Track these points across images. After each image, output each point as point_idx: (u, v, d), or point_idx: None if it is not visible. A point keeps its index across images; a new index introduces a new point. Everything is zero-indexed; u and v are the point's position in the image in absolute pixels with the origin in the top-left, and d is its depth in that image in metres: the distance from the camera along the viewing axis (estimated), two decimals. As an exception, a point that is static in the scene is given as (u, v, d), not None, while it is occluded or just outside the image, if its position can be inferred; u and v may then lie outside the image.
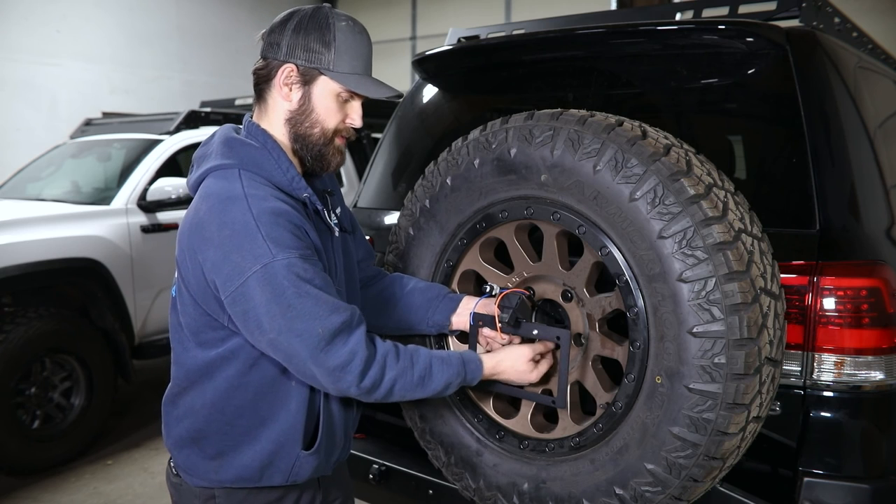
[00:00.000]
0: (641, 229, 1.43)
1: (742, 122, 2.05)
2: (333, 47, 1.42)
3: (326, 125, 1.47)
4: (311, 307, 1.32)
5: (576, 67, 2.18)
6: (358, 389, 1.36)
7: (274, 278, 1.30)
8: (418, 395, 1.45)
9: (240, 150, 1.43)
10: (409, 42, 12.03)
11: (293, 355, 1.34)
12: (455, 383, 1.49)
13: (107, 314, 4.18)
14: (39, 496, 3.65)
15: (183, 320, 1.47)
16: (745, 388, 1.38)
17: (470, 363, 1.52)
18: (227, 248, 1.32)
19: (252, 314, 1.32)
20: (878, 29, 4.72)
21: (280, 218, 1.34)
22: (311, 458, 1.47)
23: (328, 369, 1.33)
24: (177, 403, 1.51)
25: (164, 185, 4.48)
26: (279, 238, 1.32)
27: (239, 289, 1.31)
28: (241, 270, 1.31)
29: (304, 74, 1.44)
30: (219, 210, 1.35)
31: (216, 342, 1.44)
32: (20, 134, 8.45)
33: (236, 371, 1.44)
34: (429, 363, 1.45)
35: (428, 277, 1.80)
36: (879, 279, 1.61)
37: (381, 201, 2.48)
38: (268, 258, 1.30)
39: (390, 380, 1.39)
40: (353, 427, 1.62)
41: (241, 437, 1.46)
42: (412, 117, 2.55)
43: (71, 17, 9.10)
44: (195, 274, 1.38)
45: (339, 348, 1.34)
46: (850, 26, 2.49)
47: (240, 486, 1.47)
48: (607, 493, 1.52)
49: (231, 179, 1.39)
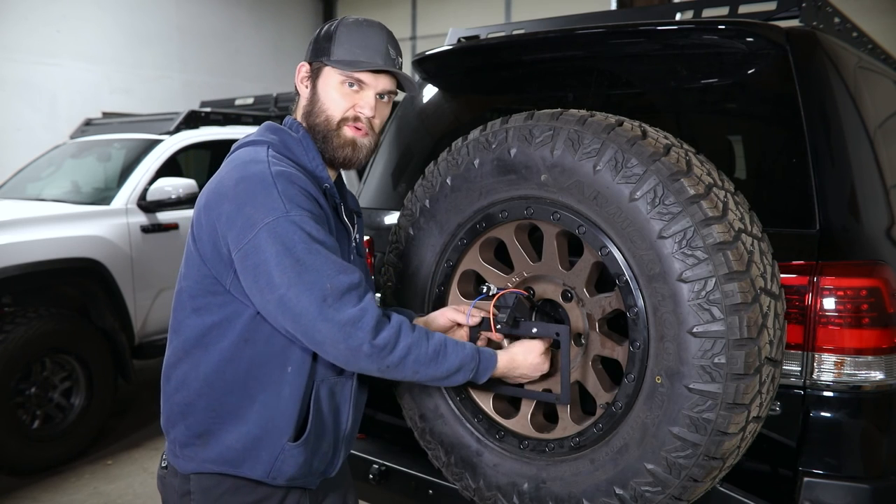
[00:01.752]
0: (641, 229, 1.43)
1: (742, 122, 2.05)
2: (335, 40, 1.49)
3: (330, 112, 1.51)
4: (321, 264, 1.34)
5: (576, 67, 2.18)
6: (371, 347, 1.33)
7: (286, 232, 1.33)
8: (431, 371, 1.42)
9: (277, 134, 1.52)
10: (409, 42, 12.04)
11: (301, 313, 1.33)
12: (469, 367, 1.47)
13: (107, 314, 4.18)
14: (39, 496, 3.65)
15: (185, 284, 1.48)
16: (745, 388, 1.38)
17: (484, 352, 1.52)
18: (242, 201, 1.36)
19: (263, 268, 1.33)
20: (878, 29, 4.72)
21: (295, 183, 1.39)
22: (296, 453, 1.45)
23: (339, 323, 1.32)
24: (170, 377, 1.52)
25: (164, 185, 4.48)
26: (294, 196, 1.36)
27: (252, 241, 1.34)
28: (254, 222, 1.34)
29: (314, 70, 1.53)
30: (239, 169, 1.41)
31: (213, 308, 1.44)
32: (20, 134, 8.45)
33: (230, 343, 1.44)
34: (444, 341, 1.45)
35: (428, 277, 1.80)
36: (879, 279, 1.61)
37: (381, 201, 2.48)
38: (281, 212, 1.34)
39: (405, 346, 1.37)
40: (343, 443, 1.57)
41: (228, 416, 1.45)
42: (412, 117, 2.55)
43: (71, 17, 9.10)
44: (209, 231, 1.41)
45: (349, 305, 1.34)
46: (850, 26, 2.49)
47: (222, 469, 1.45)
48: (607, 493, 1.52)
49: (258, 149, 1.46)
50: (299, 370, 1.44)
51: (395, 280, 1.86)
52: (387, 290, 1.89)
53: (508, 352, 1.57)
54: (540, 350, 1.58)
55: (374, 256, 2.31)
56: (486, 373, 1.51)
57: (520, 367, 1.57)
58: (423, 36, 12.02)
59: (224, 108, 6.14)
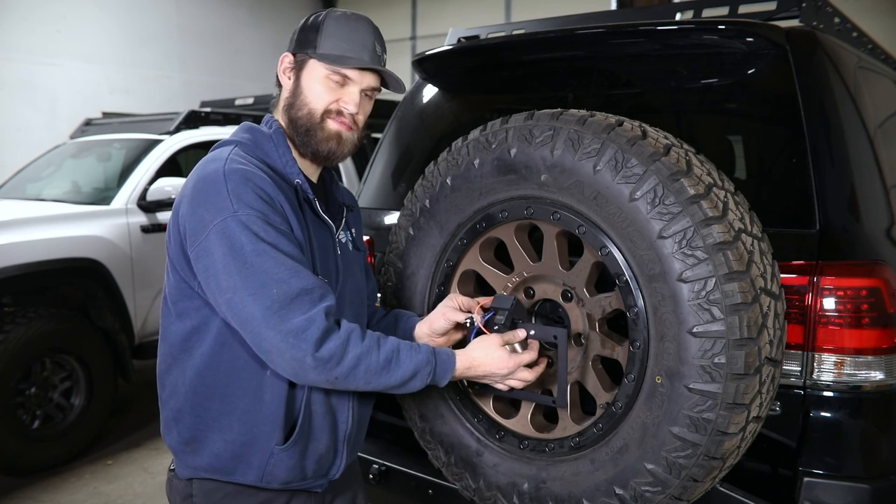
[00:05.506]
0: (641, 229, 1.43)
1: (742, 122, 2.05)
2: (321, 32, 1.48)
3: (313, 106, 1.48)
4: (270, 267, 1.30)
5: (576, 67, 2.18)
6: (314, 360, 1.29)
7: (232, 233, 1.30)
8: (383, 381, 1.37)
9: (250, 133, 1.51)
10: (409, 42, 12.03)
11: (247, 319, 1.30)
12: (424, 372, 1.41)
13: (107, 314, 4.18)
14: (39, 496, 3.65)
15: (167, 290, 1.48)
16: (745, 388, 1.38)
17: (441, 353, 1.46)
18: (196, 202, 1.35)
19: (212, 270, 1.32)
20: (878, 29, 4.72)
21: (250, 181, 1.36)
22: (285, 456, 1.43)
23: (282, 333, 1.28)
24: (164, 384, 1.51)
25: (164, 185, 4.48)
26: (243, 195, 1.33)
27: (202, 243, 1.33)
28: (205, 224, 1.33)
29: (297, 61, 1.51)
30: (198, 170, 1.41)
31: (191, 312, 1.43)
32: (20, 134, 8.45)
33: (209, 348, 1.43)
34: (396, 347, 1.39)
35: (428, 277, 1.80)
36: (879, 279, 1.61)
37: (381, 201, 2.48)
38: (229, 212, 1.31)
39: (353, 357, 1.32)
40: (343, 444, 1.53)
41: (213, 423, 1.44)
42: (412, 117, 2.55)
43: (71, 17, 9.10)
44: (174, 234, 1.41)
45: (297, 314, 1.29)
46: (850, 26, 2.49)
47: (215, 476, 1.45)
48: (607, 493, 1.52)
49: (224, 150, 1.45)
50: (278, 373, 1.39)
51: (395, 280, 1.86)
52: (387, 290, 1.89)
53: (465, 352, 1.51)
54: (498, 343, 1.51)
55: (374, 256, 2.31)
56: (444, 375, 1.45)
57: (482, 365, 1.49)
58: (423, 36, 12.01)
59: (224, 108, 6.13)
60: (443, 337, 1.64)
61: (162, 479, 3.73)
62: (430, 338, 1.64)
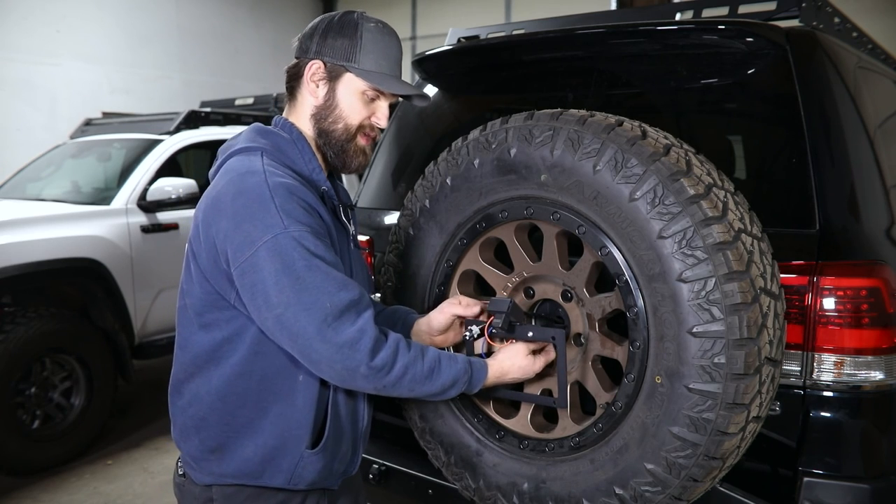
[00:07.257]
0: (641, 229, 1.43)
1: (742, 122, 2.05)
2: (360, 46, 1.46)
3: (350, 121, 1.49)
4: (321, 281, 1.31)
5: (576, 67, 2.18)
6: (368, 368, 1.32)
7: (284, 249, 1.30)
8: (426, 389, 1.42)
9: (267, 137, 1.47)
10: (409, 42, 12.04)
11: (299, 333, 1.31)
12: (462, 381, 1.47)
13: (107, 314, 4.18)
14: (39, 496, 3.65)
15: (188, 301, 1.46)
16: (744, 388, 1.38)
17: (476, 363, 1.51)
18: (240, 218, 1.33)
19: (260, 286, 1.31)
20: (878, 29, 4.72)
21: (294, 195, 1.36)
22: (315, 459, 1.45)
23: (336, 345, 1.30)
24: (182, 392, 1.50)
25: (165, 185, 4.48)
26: (292, 211, 1.33)
27: (249, 259, 1.31)
28: (252, 240, 1.31)
29: (330, 71, 1.48)
30: (236, 182, 1.37)
31: (221, 323, 1.42)
32: (20, 134, 8.46)
33: (241, 357, 1.42)
34: (437, 357, 1.44)
35: (428, 277, 1.80)
36: (879, 279, 1.61)
37: (381, 201, 2.48)
38: (279, 229, 1.31)
39: (402, 366, 1.36)
40: (361, 440, 1.58)
41: (243, 429, 1.44)
42: (412, 117, 2.55)
43: (71, 17, 9.11)
44: (207, 247, 1.38)
45: (348, 325, 1.32)
46: (850, 26, 2.49)
47: (241, 481, 1.45)
48: (607, 493, 1.52)
49: (253, 159, 1.41)
50: (311, 378, 1.43)
51: (395, 280, 1.86)
52: (387, 290, 1.89)
53: (495, 359, 1.55)
54: (524, 352, 1.56)
55: (374, 256, 2.31)
56: (477, 384, 1.51)
57: (510, 373, 1.55)
58: (423, 36, 12.02)
59: (224, 108, 6.14)
60: (441, 335, 1.65)
61: (162, 479, 3.73)
62: (428, 335, 1.65)
